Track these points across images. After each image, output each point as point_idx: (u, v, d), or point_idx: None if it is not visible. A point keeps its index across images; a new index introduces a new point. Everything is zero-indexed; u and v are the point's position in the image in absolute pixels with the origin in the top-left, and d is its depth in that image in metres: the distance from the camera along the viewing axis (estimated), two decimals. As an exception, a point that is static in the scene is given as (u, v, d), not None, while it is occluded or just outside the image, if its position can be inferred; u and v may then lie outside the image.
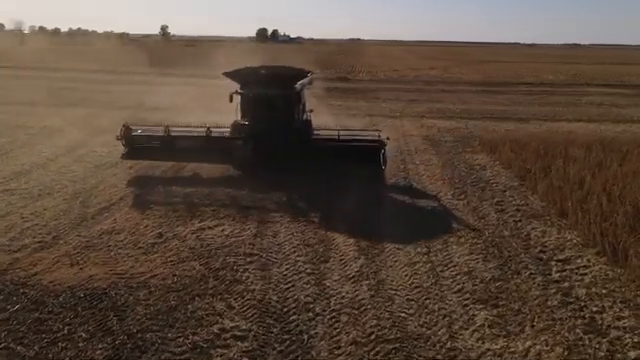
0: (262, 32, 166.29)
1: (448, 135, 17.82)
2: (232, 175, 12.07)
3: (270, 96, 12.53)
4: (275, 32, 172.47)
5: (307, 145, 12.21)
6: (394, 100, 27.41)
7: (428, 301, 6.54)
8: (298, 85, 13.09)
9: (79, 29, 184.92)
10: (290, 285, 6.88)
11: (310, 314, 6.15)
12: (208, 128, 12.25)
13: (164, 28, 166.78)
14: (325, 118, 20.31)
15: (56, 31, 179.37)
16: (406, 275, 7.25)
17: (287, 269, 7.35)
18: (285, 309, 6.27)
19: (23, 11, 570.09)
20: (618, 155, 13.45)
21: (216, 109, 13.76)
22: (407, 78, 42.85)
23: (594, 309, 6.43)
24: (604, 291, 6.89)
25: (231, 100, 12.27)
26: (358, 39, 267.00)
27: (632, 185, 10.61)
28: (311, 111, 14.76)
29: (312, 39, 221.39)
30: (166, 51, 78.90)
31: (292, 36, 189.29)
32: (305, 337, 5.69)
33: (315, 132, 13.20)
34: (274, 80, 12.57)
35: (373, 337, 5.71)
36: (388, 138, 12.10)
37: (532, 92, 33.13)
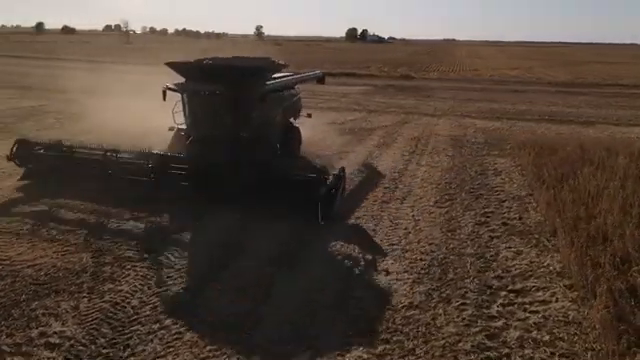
0: (351, 32, 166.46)
1: (481, 136, 15.76)
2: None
3: (211, 95, 9.71)
4: (364, 32, 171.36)
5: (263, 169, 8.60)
6: (447, 99, 25.29)
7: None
8: (262, 83, 10.31)
9: (184, 30, 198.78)
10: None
11: None
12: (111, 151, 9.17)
13: (258, 28, 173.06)
14: (351, 115, 19.34)
15: (163, 31, 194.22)
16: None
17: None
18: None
19: (140, 13, 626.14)
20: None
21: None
22: (480, 78, 39.68)
23: (516, 362, 4.81)
24: (546, 338, 5.18)
25: (164, 98, 9.97)
26: (453, 39, 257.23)
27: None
28: (309, 115, 13.51)
29: (404, 39, 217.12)
30: (253, 50, 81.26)
31: (383, 36, 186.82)
32: None
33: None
34: (226, 74, 9.89)
35: None
36: (343, 170, 8.73)
37: (619, 94, 28.87)
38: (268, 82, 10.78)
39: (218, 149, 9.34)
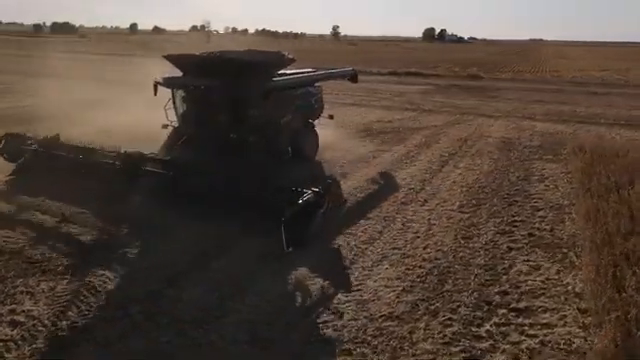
0: (429, 32, 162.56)
1: (537, 140, 14.43)
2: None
3: (199, 91, 9.08)
4: (443, 32, 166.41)
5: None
6: (513, 100, 23.63)
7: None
8: (263, 79, 9.23)
9: (263, 30, 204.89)
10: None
11: None
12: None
13: (335, 28, 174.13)
14: (401, 114, 18.57)
15: (244, 31, 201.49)
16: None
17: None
18: (102, 301, 5.36)
19: (225, 13, 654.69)
20: None
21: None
22: (559, 79, 36.75)
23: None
24: (534, 369, 4.45)
25: (155, 92, 9.47)
26: (540, 40, 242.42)
27: None
28: (330, 117, 12.28)
29: (485, 40, 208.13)
30: (325, 48, 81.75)
31: (463, 36, 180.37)
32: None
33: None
34: (221, 67, 9.17)
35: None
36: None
37: None
38: (275, 78, 9.86)
39: (206, 151, 8.71)
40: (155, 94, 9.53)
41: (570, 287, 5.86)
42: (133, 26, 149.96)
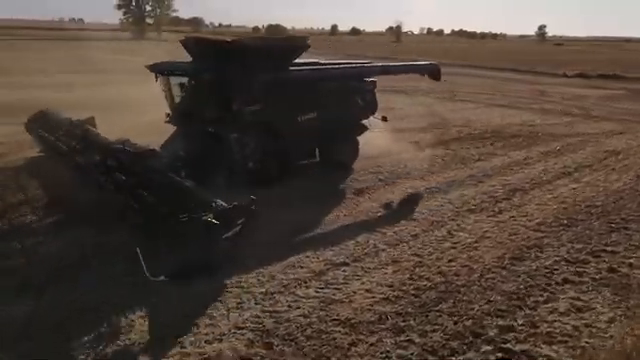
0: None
1: None
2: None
3: (180, 79, 8.11)
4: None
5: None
6: None
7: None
8: (265, 67, 7.77)
9: (460, 30, 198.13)
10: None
11: None
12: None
13: (541, 28, 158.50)
14: (557, 119, 15.86)
15: (439, 32, 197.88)
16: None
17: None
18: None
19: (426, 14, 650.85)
20: None
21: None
22: None
23: None
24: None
25: (156, 79, 8.51)
26: None
27: None
28: (384, 119, 10.14)
29: None
30: (526, 50, 75.19)
31: None
32: None
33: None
34: (213, 51, 8.08)
35: None
36: None
37: None
38: (290, 67, 8.46)
39: (190, 148, 7.85)
40: (156, 80, 8.60)
41: (610, 342, 4.31)
42: (333, 28, 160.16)
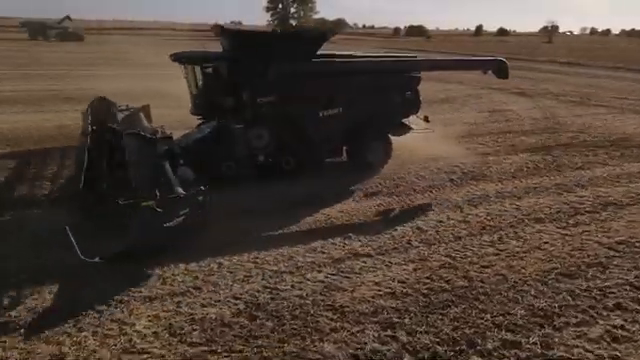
0: None
1: None
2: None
3: (193, 68, 7.92)
4: None
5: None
6: None
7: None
8: (279, 56, 7.54)
9: (633, 30, 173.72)
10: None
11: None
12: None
13: None
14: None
15: (604, 32, 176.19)
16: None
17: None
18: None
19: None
20: None
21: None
22: None
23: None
24: None
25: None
26: None
27: None
28: (426, 119, 9.23)
29: None
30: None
31: None
32: None
33: None
34: (230, 40, 7.98)
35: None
36: None
37: None
38: (312, 59, 8.07)
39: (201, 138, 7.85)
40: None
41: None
42: (478, 28, 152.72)
